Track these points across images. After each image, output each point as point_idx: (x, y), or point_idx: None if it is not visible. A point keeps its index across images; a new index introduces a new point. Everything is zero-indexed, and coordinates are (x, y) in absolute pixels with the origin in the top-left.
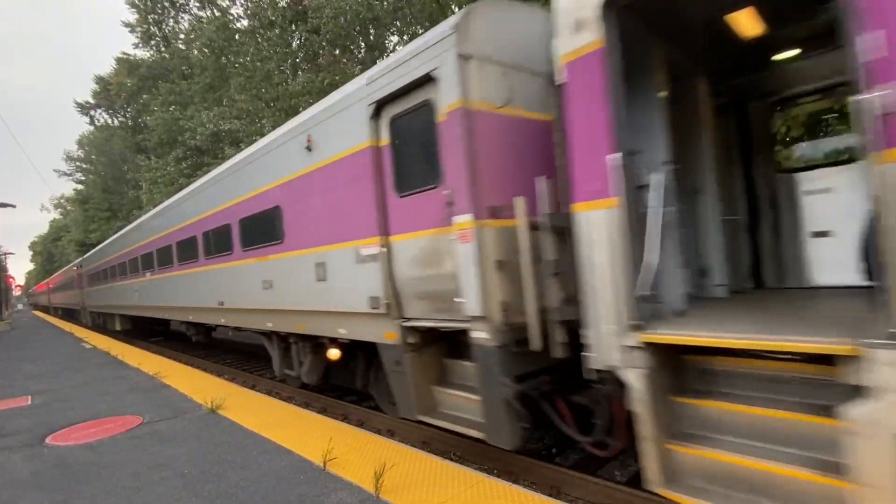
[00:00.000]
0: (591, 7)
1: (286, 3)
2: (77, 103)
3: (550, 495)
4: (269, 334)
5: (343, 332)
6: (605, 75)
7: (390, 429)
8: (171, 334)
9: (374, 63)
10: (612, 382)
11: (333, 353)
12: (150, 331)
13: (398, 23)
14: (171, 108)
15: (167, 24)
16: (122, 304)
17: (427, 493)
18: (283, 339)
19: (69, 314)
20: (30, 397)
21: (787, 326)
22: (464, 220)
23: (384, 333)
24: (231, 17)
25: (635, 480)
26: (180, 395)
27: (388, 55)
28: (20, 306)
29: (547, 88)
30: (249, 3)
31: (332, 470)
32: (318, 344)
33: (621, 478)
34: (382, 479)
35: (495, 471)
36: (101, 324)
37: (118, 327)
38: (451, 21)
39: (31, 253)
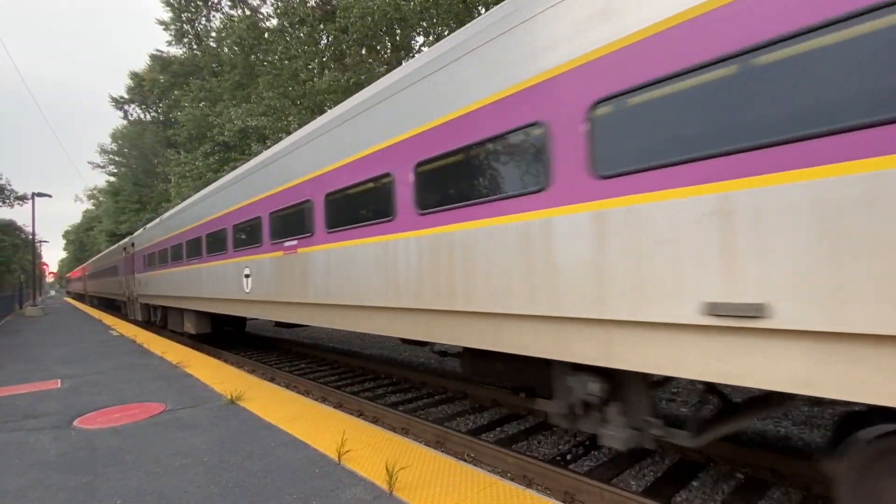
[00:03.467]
0: None
1: (315, 2)
2: (112, 98)
3: (564, 501)
4: None
5: None
6: None
7: (405, 427)
8: None
9: (400, 63)
10: None
11: None
12: None
13: (424, 23)
14: (200, 105)
15: (199, 23)
16: None
17: (441, 492)
18: None
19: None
20: (59, 381)
21: None
22: None
23: None
24: (262, 16)
25: (651, 490)
26: (202, 385)
27: (413, 55)
28: (53, 293)
29: None
30: (279, 3)
31: (348, 465)
32: None
33: (637, 487)
34: (397, 477)
35: (509, 474)
36: None
37: None
38: None
39: (64, 241)
